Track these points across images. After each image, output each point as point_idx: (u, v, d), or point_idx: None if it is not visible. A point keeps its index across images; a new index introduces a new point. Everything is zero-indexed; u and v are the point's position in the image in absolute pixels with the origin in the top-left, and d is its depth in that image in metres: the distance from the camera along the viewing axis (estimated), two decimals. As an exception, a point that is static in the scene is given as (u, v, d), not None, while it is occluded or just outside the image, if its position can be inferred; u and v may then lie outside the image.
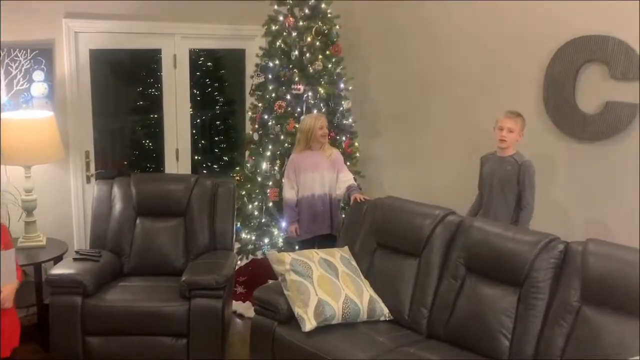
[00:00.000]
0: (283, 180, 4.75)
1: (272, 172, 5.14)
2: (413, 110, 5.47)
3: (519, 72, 4.70)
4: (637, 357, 2.70)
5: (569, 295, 3.12)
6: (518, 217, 4.05)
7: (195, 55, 5.73)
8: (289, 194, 4.61)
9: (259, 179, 5.18)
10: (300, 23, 5.09)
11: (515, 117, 4.06)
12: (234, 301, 4.83)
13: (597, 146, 4.36)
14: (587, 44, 4.31)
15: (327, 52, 5.17)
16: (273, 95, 5.13)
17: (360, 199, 4.28)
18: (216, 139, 6.44)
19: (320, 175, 4.56)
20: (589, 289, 3.06)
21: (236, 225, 4.88)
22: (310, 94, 5.09)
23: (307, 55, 5.08)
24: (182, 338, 3.88)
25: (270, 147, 5.13)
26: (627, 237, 3.57)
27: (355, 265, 3.84)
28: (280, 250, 4.92)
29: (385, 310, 3.68)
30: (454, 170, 5.17)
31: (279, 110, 5.06)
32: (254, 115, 5.30)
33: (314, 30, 5.08)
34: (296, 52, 5.08)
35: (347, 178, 4.57)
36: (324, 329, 3.47)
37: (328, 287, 3.55)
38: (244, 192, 5.24)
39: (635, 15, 4.09)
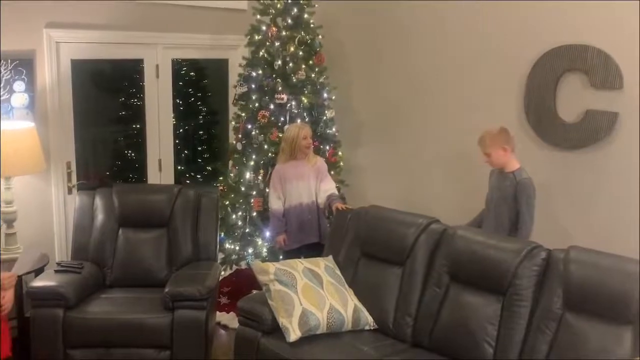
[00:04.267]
0: (268, 191, 4.74)
1: (256, 181, 5.12)
2: (396, 119, 5.50)
3: (500, 82, 4.74)
4: None
5: (552, 302, 3.13)
6: (515, 236, 3.87)
7: (177, 65, 5.71)
8: (276, 204, 4.59)
9: (243, 189, 5.16)
10: (283, 33, 5.10)
11: (481, 143, 3.97)
12: (217, 312, 4.80)
13: (578, 154, 4.40)
14: (567, 54, 4.36)
15: (310, 62, 5.18)
16: (256, 104, 5.13)
17: (342, 208, 4.29)
18: (199, 148, 6.41)
19: (307, 184, 4.56)
20: (572, 295, 3.08)
21: (220, 235, 4.86)
22: (293, 103, 5.09)
23: (290, 64, 5.08)
24: (166, 350, 3.84)
25: (253, 156, 5.13)
26: (608, 243, 3.60)
27: (340, 274, 3.84)
28: (264, 260, 4.91)
29: (370, 320, 3.67)
30: (437, 179, 5.20)
31: (262, 120, 5.05)
32: (237, 125, 5.29)
33: (296, 40, 5.10)
34: (279, 62, 5.09)
35: (328, 187, 4.57)
36: (309, 339, 3.46)
37: (312, 296, 3.54)
38: (227, 202, 5.22)
39: (613, 24, 4.15)
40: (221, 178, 5.55)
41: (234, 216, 5.22)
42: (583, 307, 3.04)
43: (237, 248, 5.24)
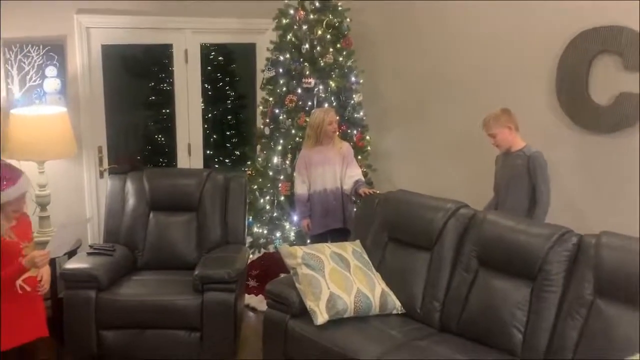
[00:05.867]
0: (294, 175, 4.75)
1: (283, 166, 5.14)
2: (424, 103, 5.45)
3: (532, 65, 4.66)
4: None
5: (583, 288, 3.10)
6: (534, 212, 3.93)
7: (206, 50, 5.74)
8: (301, 189, 4.60)
9: (270, 173, 5.18)
10: (311, 16, 5.08)
11: (485, 125, 4.03)
12: (246, 295, 4.85)
13: (611, 138, 4.32)
14: (600, 35, 4.26)
15: (338, 46, 5.15)
16: (284, 89, 5.13)
17: (367, 193, 4.28)
18: (227, 133, 6.46)
19: (332, 169, 4.55)
20: (603, 281, 3.04)
21: (248, 219, 4.89)
22: (321, 87, 5.08)
23: (318, 48, 5.07)
24: (196, 332, 3.91)
25: (281, 141, 5.14)
26: (641, 229, 3.55)
27: (367, 258, 3.84)
28: (291, 244, 4.94)
29: (398, 304, 3.68)
30: (466, 163, 5.15)
31: (290, 104, 5.06)
32: (265, 110, 5.30)
33: (324, 23, 5.07)
34: (307, 46, 5.07)
35: (354, 173, 4.55)
36: (336, 322, 3.47)
37: (340, 280, 3.55)
38: (255, 186, 5.25)
39: (649, 5, 4.05)
40: (249, 162, 5.58)
41: (262, 200, 5.25)
42: (614, 293, 2.99)
43: (265, 232, 5.28)
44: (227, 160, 6.46)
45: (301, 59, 5.10)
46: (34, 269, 3.05)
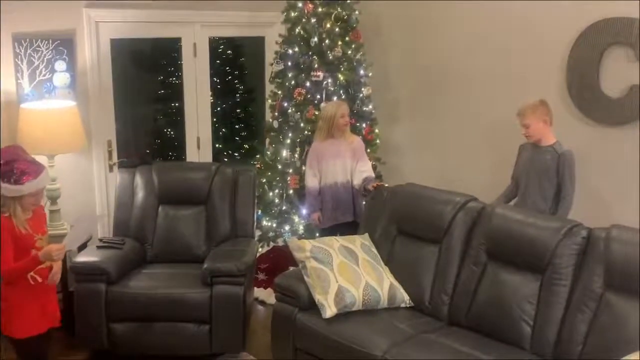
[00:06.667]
0: (305, 169, 4.75)
1: (292, 159, 5.14)
2: (433, 96, 5.42)
3: (542, 57, 4.63)
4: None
5: (592, 281, 3.09)
6: (556, 208, 3.95)
7: (215, 44, 5.73)
8: (312, 182, 4.60)
9: (279, 167, 5.19)
10: (320, 9, 5.06)
11: (521, 114, 3.98)
12: (255, 288, 4.87)
13: (623, 130, 4.29)
14: (611, 27, 4.22)
15: (347, 38, 5.14)
16: (292, 82, 5.12)
17: (375, 186, 4.27)
18: (236, 127, 6.47)
19: (343, 162, 4.54)
20: (613, 275, 3.03)
21: (257, 212, 4.90)
22: (329, 80, 5.07)
23: (327, 41, 5.05)
24: (205, 324, 3.92)
25: (290, 134, 5.14)
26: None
27: (376, 252, 3.84)
28: (300, 237, 4.94)
29: (406, 297, 3.67)
30: (475, 157, 5.13)
31: (299, 98, 5.05)
32: (274, 103, 5.30)
33: (333, 16, 5.06)
34: (315, 39, 5.06)
35: (365, 168, 4.54)
36: (344, 315, 3.48)
37: (348, 274, 3.55)
38: (264, 180, 5.26)
39: (661, -4, 4.01)
40: (258, 156, 5.58)
41: (271, 194, 5.26)
42: (624, 286, 2.98)
43: (274, 225, 5.29)
44: (236, 154, 6.47)
45: (310, 52, 5.09)
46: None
